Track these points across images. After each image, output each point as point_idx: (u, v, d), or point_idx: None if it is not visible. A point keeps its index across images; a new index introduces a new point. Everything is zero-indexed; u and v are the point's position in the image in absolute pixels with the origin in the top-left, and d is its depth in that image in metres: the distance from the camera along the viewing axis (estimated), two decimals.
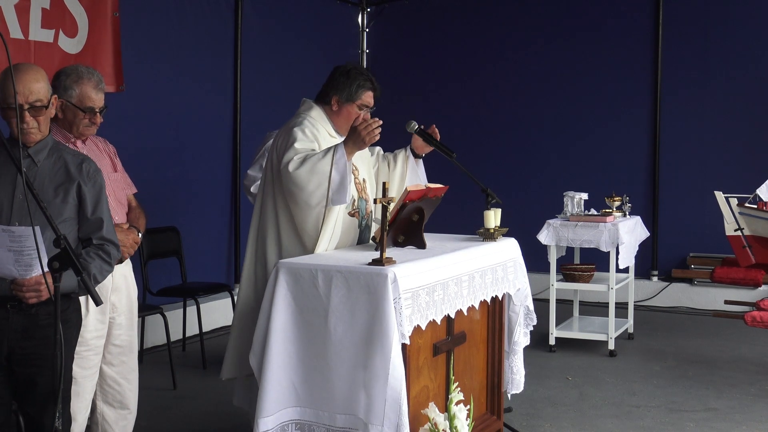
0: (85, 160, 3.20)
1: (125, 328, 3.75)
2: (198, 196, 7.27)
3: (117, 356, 3.73)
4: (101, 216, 3.17)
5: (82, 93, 3.53)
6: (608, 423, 4.96)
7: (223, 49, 7.59)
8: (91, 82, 3.55)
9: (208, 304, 6.75)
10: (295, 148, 3.88)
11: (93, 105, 3.55)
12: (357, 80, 4.12)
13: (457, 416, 3.71)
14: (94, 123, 3.58)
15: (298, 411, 3.43)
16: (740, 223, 5.79)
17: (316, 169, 3.78)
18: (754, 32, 8.17)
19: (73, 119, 3.55)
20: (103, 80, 3.64)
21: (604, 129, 8.71)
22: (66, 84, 3.53)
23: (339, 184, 3.78)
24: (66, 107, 3.53)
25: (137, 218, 3.78)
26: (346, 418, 3.34)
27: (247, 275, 4.11)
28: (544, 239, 6.42)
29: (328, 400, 3.38)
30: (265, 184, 4.10)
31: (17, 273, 2.93)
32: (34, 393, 3.08)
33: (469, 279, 3.91)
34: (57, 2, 5.79)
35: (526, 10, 9.05)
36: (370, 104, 4.19)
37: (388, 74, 9.08)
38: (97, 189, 3.18)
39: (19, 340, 3.02)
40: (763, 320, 5.59)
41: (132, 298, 3.80)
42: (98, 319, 3.58)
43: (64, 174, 3.12)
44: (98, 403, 3.77)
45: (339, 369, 3.35)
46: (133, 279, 3.83)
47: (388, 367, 3.26)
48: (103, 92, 3.60)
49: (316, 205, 3.82)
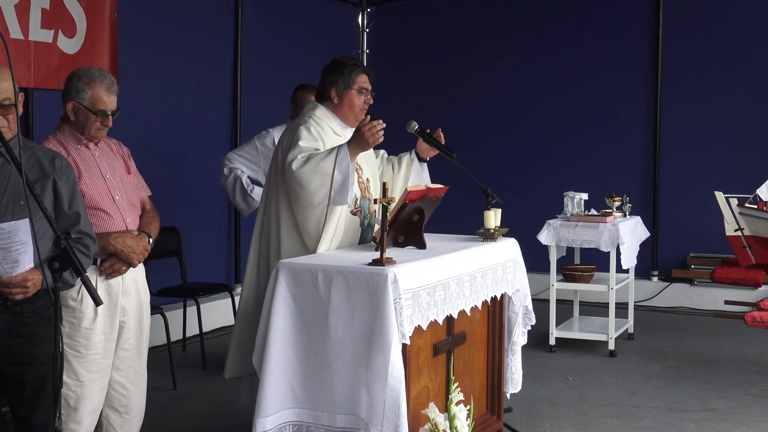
0: (56, 156, 3.22)
1: (134, 332, 3.70)
2: (198, 196, 7.27)
3: (124, 360, 3.68)
4: (78, 210, 3.20)
5: (94, 96, 3.52)
6: (608, 423, 4.96)
7: (223, 49, 7.59)
8: (104, 85, 3.54)
9: (208, 304, 6.75)
10: (300, 146, 3.89)
11: (105, 108, 3.54)
12: (347, 67, 4.15)
13: (457, 416, 3.71)
14: (105, 126, 3.58)
15: (296, 412, 3.42)
16: (740, 223, 5.79)
17: (318, 169, 3.79)
18: (754, 32, 8.16)
19: (85, 122, 3.54)
20: (116, 83, 3.62)
21: (604, 129, 8.71)
22: (78, 86, 3.52)
23: (341, 184, 3.78)
24: (78, 109, 3.52)
25: (149, 222, 3.75)
26: (346, 418, 3.34)
27: (250, 274, 4.12)
28: (544, 239, 6.42)
29: (327, 401, 3.38)
30: (270, 184, 4.11)
31: (2, 271, 2.93)
32: (22, 391, 3.08)
33: (470, 279, 3.91)
34: (56, 2, 5.79)
35: (526, 10, 9.05)
36: (368, 87, 4.19)
37: (388, 74, 9.09)
38: (71, 183, 3.21)
39: (4, 339, 3.02)
40: (763, 320, 5.58)
41: (143, 301, 3.75)
42: (106, 322, 3.54)
43: (39, 170, 3.13)
44: (104, 407, 3.76)
45: (339, 369, 3.35)
46: (144, 282, 3.78)
47: (388, 368, 3.26)
48: (115, 95, 3.59)
49: (318, 204, 3.83)
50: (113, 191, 3.60)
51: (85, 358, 3.46)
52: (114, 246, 3.49)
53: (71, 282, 3.12)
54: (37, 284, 3.01)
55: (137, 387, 3.76)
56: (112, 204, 3.58)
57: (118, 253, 3.51)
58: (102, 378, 3.57)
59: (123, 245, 3.52)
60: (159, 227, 3.82)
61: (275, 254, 3.98)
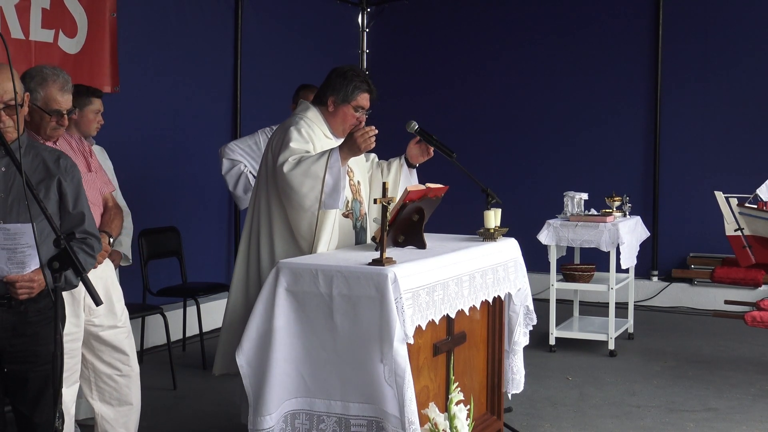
0: (61, 156, 3.21)
1: (108, 328, 3.76)
2: (198, 196, 7.27)
3: (108, 354, 3.77)
4: (82, 210, 3.19)
5: (48, 96, 3.43)
6: (608, 423, 4.96)
7: (223, 49, 7.59)
8: (57, 84, 3.44)
9: (208, 304, 6.75)
10: (291, 148, 3.89)
11: (59, 107, 3.46)
12: (353, 82, 4.12)
13: (457, 416, 3.71)
14: (61, 125, 3.50)
15: (308, 401, 3.45)
16: (740, 223, 5.79)
17: (310, 172, 3.79)
18: (754, 32, 8.16)
19: (40, 122, 3.47)
20: (70, 80, 3.52)
21: (604, 129, 8.71)
22: (31, 87, 3.42)
23: (332, 188, 3.79)
24: (32, 110, 3.42)
25: (110, 221, 3.71)
26: (359, 407, 3.36)
27: (238, 275, 4.11)
28: (544, 239, 6.42)
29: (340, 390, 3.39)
30: (259, 184, 4.10)
31: (8, 271, 2.93)
32: (25, 390, 3.08)
33: (469, 279, 3.91)
34: (57, 2, 5.79)
35: (526, 9, 9.05)
36: (366, 106, 4.18)
37: (388, 74, 9.13)
38: (76, 183, 3.20)
39: (9, 338, 3.03)
40: (763, 320, 5.59)
41: (112, 298, 3.79)
42: (72, 322, 3.56)
43: (44, 170, 3.12)
44: (96, 403, 3.77)
45: (351, 361, 3.36)
46: (114, 279, 3.80)
47: (393, 367, 3.26)
48: (70, 93, 3.49)
49: (309, 207, 3.84)
50: None
51: None
52: None
53: (75, 283, 3.12)
54: (41, 285, 3.01)
55: (126, 379, 3.80)
56: None
57: None
58: (69, 377, 3.59)
59: None
60: (122, 224, 3.79)
61: (267, 257, 3.98)
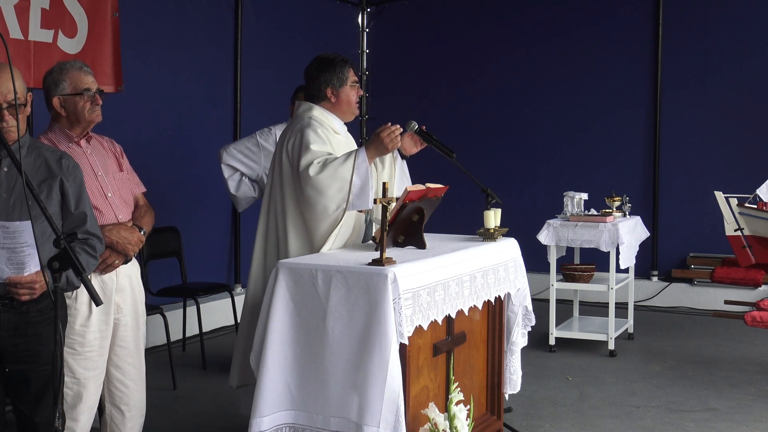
0: (63, 156, 3.21)
1: (131, 329, 3.70)
2: (198, 196, 7.27)
3: (123, 358, 3.69)
4: (84, 210, 3.19)
5: (73, 78, 3.49)
6: (608, 423, 4.96)
7: (223, 49, 7.59)
8: (76, 67, 3.53)
9: (208, 304, 6.75)
10: (313, 151, 3.89)
11: (88, 86, 3.52)
12: (336, 64, 4.22)
13: (457, 416, 3.71)
14: (97, 104, 3.54)
15: (292, 414, 3.42)
16: (740, 223, 5.79)
17: (337, 174, 3.80)
18: (754, 31, 8.16)
19: (75, 108, 3.50)
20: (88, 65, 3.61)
21: (604, 129, 8.71)
22: (55, 79, 3.49)
23: (360, 189, 3.81)
24: (65, 101, 3.49)
25: (141, 216, 3.74)
26: (339, 421, 3.33)
27: (255, 277, 4.10)
28: (544, 239, 6.42)
29: (322, 404, 3.37)
30: (273, 185, 4.09)
31: (9, 272, 2.93)
32: (27, 390, 3.08)
33: (470, 279, 3.91)
34: (56, 2, 5.79)
35: (526, 9, 9.05)
36: (356, 79, 4.29)
37: (388, 74, 9.13)
38: (78, 183, 3.20)
39: (10, 338, 3.03)
40: (763, 320, 5.59)
41: (137, 299, 3.75)
42: (101, 319, 3.54)
43: (46, 170, 3.12)
44: (107, 405, 3.76)
45: (335, 371, 3.35)
46: (138, 279, 3.78)
47: (386, 368, 3.25)
48: (92, 75, 3.56)
49: (335, 209, 3.85)
50: (105, 189, 3.58)
51: (81, 355, 3.46)
52: (109, 237, 3.47)
53: (76, 284, 3.12)
54: (43, 286, 3.01)
55: (137, 384, 3.77)
56: (105, 201, 3.56)
57: (114, 245, 3.50)
58: (98, 376, 3.57)
59: (118, 236, 3.51)
60: (153, 222, 3.80)
61: (283, 255, 3.97)
